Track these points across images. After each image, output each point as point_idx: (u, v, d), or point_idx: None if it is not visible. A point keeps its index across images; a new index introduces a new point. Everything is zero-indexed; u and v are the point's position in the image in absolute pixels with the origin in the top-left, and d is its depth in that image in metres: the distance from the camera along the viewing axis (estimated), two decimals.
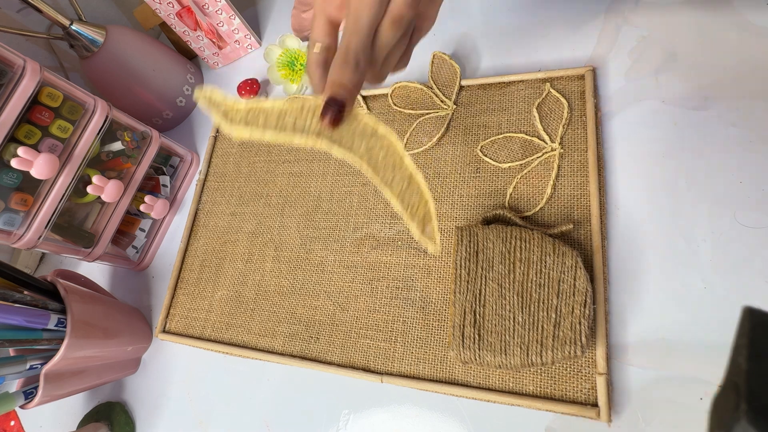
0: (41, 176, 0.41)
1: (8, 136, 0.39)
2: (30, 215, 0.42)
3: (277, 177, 0.50)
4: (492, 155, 0.41)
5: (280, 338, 0.42)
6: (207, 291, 0.48)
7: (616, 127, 0.38)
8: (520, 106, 0.42)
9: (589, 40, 0.42)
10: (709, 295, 0.31)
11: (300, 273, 0.44)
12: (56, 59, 0.61)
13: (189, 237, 0.52)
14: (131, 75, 0.55)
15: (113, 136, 0.48)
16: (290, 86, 0.54)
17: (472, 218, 0.40)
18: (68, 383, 0.41)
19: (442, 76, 0.45)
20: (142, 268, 0.54)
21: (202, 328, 0.46)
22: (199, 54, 0.61)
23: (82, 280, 0.48)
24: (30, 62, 0.40)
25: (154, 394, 0.46)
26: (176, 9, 0.54)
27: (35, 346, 0.38)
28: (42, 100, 0.41)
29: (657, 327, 0.32)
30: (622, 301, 0.33)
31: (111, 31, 0.53)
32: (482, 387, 0.34)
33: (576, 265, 0.32)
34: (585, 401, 0.31)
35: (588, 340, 0.30)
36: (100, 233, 0.48)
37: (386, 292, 0.40)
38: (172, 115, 0.60)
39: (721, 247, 0.32)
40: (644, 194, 0.36)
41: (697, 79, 0.37)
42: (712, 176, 0.34)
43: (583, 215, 0.36)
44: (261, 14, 0.64)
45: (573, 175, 0.38)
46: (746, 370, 0.13)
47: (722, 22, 0.38)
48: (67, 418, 0.49)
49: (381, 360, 0.38)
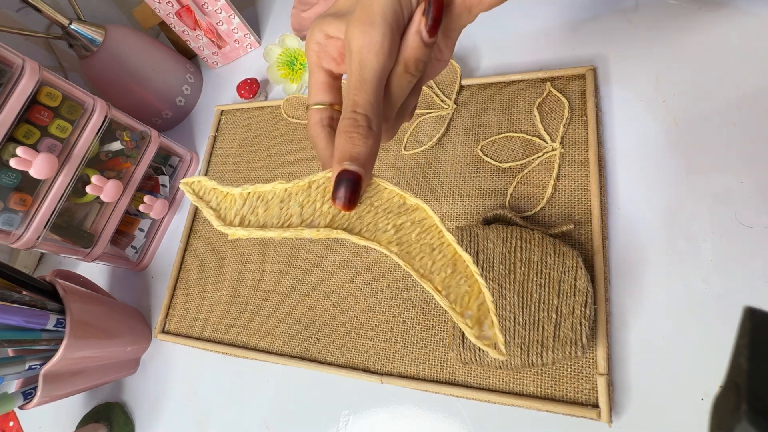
0: (40, 176, 0.40)
1: (7, 136, 0.39)
2: (29, 215, 0.42)
3: (277, 177, 0.50)
4: (492, 155, 0.41)
5: (280, 339, 0.42)
6: (206, 291, 0.48)
7: (617, 126, 0.38)
8: (520, 106, 0.41)
9: (590, 40, 0.42)
10: (710, 295, 0.31)
11: (300, 273, 0.44)
12: (55, 59, 0.61)
13: (188, 237, 0.52)
14: (130, 74, 0.55)
15: (112, 136, 0.48)
16: (290, 86, 0.53)
17: (472, 218, 0.40)
18: (67, 384, 0.40)
19: (443, 75, 0.45)
20: (141, 269, 0.54)
21: (201, 329, 0.46)
22: (199, 53, 0.61)
23: (81, 281, 0.48)
24: (29, 62, 0.40)
25: (153, 395, 0.46)
26: (175, 8, 0.54)
27: (34, 346, 0.38)
28: (41, 99, 0.41)
29: (658, 327, 0.32)
30: (622, 302, 0.33)
31: (110, 31, 0.53)
32: (482, 387, 0.34)
33: (577, 266, 0.32)
34: (586, 402, 0.31)
35: (589, 340, 0.30)
36: (99, 233, 0.48)
37: (386, 293, 0.40)
38: (172, 115, 0.60)
39: (722, 247, 0.32)
40: (645, 194, 0.35)
41: (698, 78, 0.37)
42: (713, 176, 0.34)
43: (584, 215, 0.36)
44: (260, 13, 0.64)
45: (574, 174, 0.37)
46: (747, 370, 0.13)
47: (723, 21, 0.37)
48: (66, 419, 0.49)
49: (381, 360, 0.38)
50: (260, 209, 0.20)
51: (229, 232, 0.20)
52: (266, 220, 0.20)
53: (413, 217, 0.20)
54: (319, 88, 0.22)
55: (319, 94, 0.22)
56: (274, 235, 0.19)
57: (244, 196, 0.20)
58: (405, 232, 0.20)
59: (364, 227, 0.20)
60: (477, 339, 0.19)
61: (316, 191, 0.20)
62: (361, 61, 0.18)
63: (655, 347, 0.32)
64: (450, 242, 0.20)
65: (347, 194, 0.19)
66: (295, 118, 0.52)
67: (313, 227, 0.20)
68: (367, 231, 0.20)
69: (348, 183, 0.19)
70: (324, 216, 0.20)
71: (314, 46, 0.21)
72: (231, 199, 0.20)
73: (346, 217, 0.20)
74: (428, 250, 0.20)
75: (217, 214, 0.20)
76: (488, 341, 0.19)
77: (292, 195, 0.20)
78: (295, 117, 0.52)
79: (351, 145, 0.19)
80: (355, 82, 0.19)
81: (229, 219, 0.20)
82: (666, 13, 0.40)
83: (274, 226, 0.20)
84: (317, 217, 0.20)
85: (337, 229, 0.20)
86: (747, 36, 0.36)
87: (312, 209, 0.20)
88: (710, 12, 0.38)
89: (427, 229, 0.20)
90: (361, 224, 0.20)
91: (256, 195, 0.20)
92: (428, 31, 0.19)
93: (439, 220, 0.20)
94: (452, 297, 0.19)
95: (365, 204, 0.20)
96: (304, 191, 0.20)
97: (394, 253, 0.20)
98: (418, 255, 0.20)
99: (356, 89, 0.19)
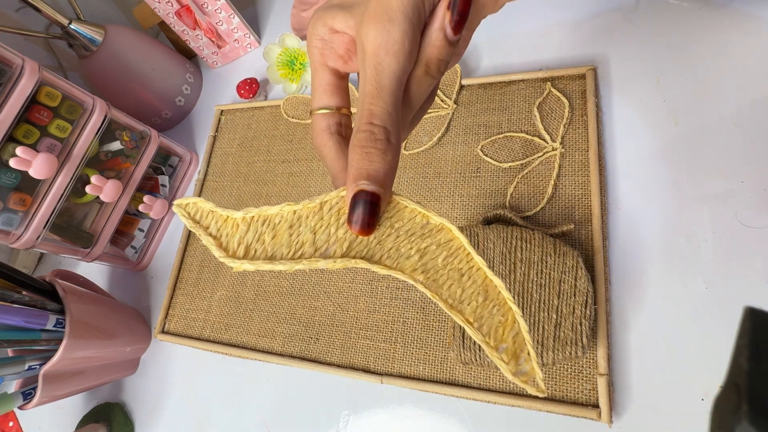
0: (40, 176, 0.40)
1: (7, 136, 0.39)
2: (28, 215, 0.42)
3: (277, 177, 0.50)
4: (492, 155, 0.41)
5: (280, 339, 0.42)
6: (206, 291, 0.48)
7: (617, 126, 0.38)
8: (520, 106, 0.41)
9: (590, 40, 0.42)
10: (711, 295, 0.31)
11: (299, 273, 0.44)
12: (55, 58, 0.61)
13: (188, 237, 0.51)
14: (130, 74, 0.55)
15: (112, 136, 0.48)
16: (289, 85, 0.53)
17: (472, 218, 0.40)
18: (67, 384, 0.40)
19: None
20: (141, 269, 0.54)
21: (201, 329, 0.46)
22: (199, 53, 0.61)
23: (81, 281, 0.48)
24: (28, 61, 0.40)
25: (153, 395, 0.46)
26: (175, 8, 0.54)
27: (34, 346, 0.38)
28: (40, 99, 0.41)
29: (658, 327, 0.32)
30: (623, 302, 0.33)
31: (110, 31, 0.52)
32: (482, 388, 0.34)
33: (577, 266, 0.32)
34: (586, 402, 0.31)
35: (589, 340, 0.30)
36: (98, 233, 0.48)
37: (386, 293, 0.40)
38: (171, 115, 0.60)
39: (723, 247, 0.32)
40: (645, 194, 0.35)
41: (698, 78, 0.37)
42: (713, 176, 0.34)
43: (584, 215, 0.36)
44: (260, 13, 0.64)
45: (574, 174, 0.37)
46: (747, 370, 0.13)
47: (724, 21, 0.37)
48: (65, 419, 0.49)
49: (381, 361, 0.38)
50: (267, 236, 0.18)
51: (234, 265, 0.18)
52: (275, 250, 0.18)
53: (438, 239, 0.18)
54: (324, 89, 0.20)
55: (324, 96, 0.20)
56: (285, 269, 0.18)
57: (248, 221, 0.18)
58: (430, 257, 0.18)
59: (385, 253, 0.18)
60: (514, 376, 0.17)
61: (329, 214, 0.18)
62: (377, 64, 0.16)
63: (656, 347, 0.32)
64: (480, 266, 0.18)
65: (365, 217, 0.17)
66: (295, 118, 0.51)
67: (329, 257, 0.18)
68: (389, 258, 0.18)
69: (365, 205, 0.17)
70: (340, 243, 0.18)
71: (317, 42, 0.19)
72: (233, 225, 0.18)
73: (364, 242, 0.18)
74: (457, 277, 0.18)
75: (218, 243, 0.18)
76: (525, 377, 0.17)
77: (302, 219, 0.18)
78: (295, 117, 0.52)
79: (368, 162, 0.17)
80: (371, 88, 0.17)
81: (233, 248, 0.18)
82: (667, 13, 0.40)
83: (284, 257, 0.18)
84: (332, 244, 0.18)
85: (355, 258, 0.18)
86: (747, 36, 0.36)
87: (326, 235, 0.18)
88: (711, 12, 0.38)
89: (453, 252, 0.18)
90: (381, 250, 0.18)
91: (261, 219, 0.18)
92: (453, 27, 0.17)
93: (467, 241, 0.18)
94: (485, 329, 0.18)
95: (385, 226, 0.18)
96: (315, 214, 0.18)
97: (420, 282, 0.18)
98: (446, 283, 0.18)
99: (372, 97, 0.17)
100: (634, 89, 0.39)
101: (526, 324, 0.17)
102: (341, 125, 0.20)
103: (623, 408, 0.31)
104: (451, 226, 0.18)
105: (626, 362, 0.32)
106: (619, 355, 0.32)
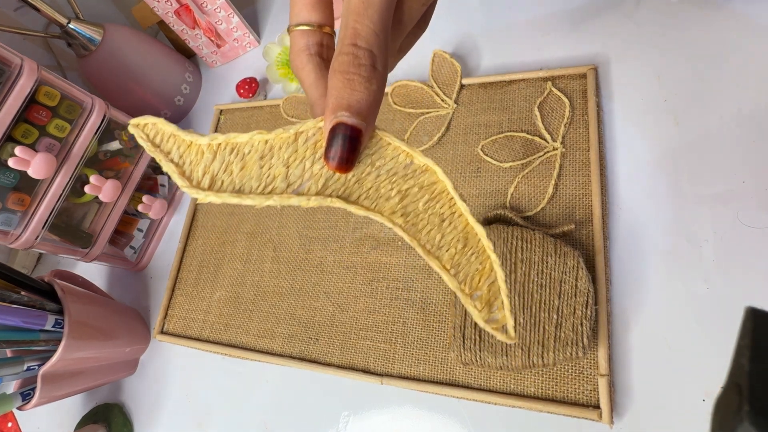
0: (38, 176, 0.40)
1: (5, 136, 0.38)
2: (27, 215, 0.41)
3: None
4: (493, 155, 0.41)
5: (279, 339, 0.42)
6: (205, 292, 0.48)
7: (618, 126, 0.38)
8: (521, 105, 0.41)
9: (591, 39, 0.42)
10: (712, 296, 0.31)
11: (299, 273, 0.44)
12: (54, 58, 0.61)
13: (187, 237, 0.51)
14: (129, 74, 0.54)
15: (111, 136, 0.48)
16: (289, 85, 0.53)
17: None
18: (66, 384, 0.40)
19: (443, 74, 0.45)
20: (140, 269, 0.54)
21: (200, 329, 0.46)
22: (198, 52, 0.61)
23: (80, 281, 0.48)
24: (27, 61, 0.40)
25: (152, 396, 0.46)
26: (174, 7, 0.54)
27: (32, 347, 0.38)
28: (39, 99, 0.41)
29: (659, 328, 0.32)
30: (624, 302, 0.33)
31: (109, 30, 0.52)
32: (483, 388, 0.34)
33: (578, 266, 0.32)
34: (587, 403, 0.31)
35: (590, 341, 0.30)
36: (97, 233, 0.48)
37: (386, 293, 0.40)
38: (171, 114, 0.60)
39: (724, 247, 0.32)
40: (646, 194, 0.35)
41: (699, 77, 0.37)
42: (714, 176, 0.34)
43: (585, 215, 0.36)
44: (260, 12, 0.64)
45: (575, 174, 0.37)
46: (749, 371, 0.13)
47: (724, 21, 0.37)
48: (64, 420, 0.49)
49: (381, 361, 0.38)
50: (235, 167, 0.16)
51: (198, 196, 0.16)
52: (243, 183, 0.16)
53: (421, 181, 0.17)
54: (303, 2, 0.17)
55: (303, 11, 0.17)
56: (253, 203, 0.16)
57: (214, 149, 0.16)
58: (411, 200, 0.17)
59: (364, 193, 0.17)
60: (485, 323, 0.17)
61: (304, 146, 0.17)
62: None
63: (657, 348, 0.31)
64: (462, 212, 0.17)
65: (344, 152, 0.15)
66: (294, 118, 0.51)
67: (302, 194, 0.16)
68: (368, 199, 0.17)
69: (345, 139, 0.15)
70: (315, 179, 0.16)
71: None
72: (197, 151, 0.16)
73: (342, 180, 0.17)
74: (437, 222, 0.17)
75: (180, 171, 0.16)
76: (496, 324, 0.17)
77: (275, 150, 0.16)
78: (295, 116, 0.51)
79: (350, 91, 0.15)
80: (356, 3, 0.15)
81: (197, 178, 0.16)
82: (667, 13, 0.40)
83: (253, 191, 0.16)
84: (306, 179, 0.16)
85: (331, 197, 0.16)
86: (748, 36, 0.36)
87: (300, 170, 0.16)
88: (712, 12, 0.38)
89: (436, 196, 0.17)
90: (360, 190, 0.17)
91: (229, 147, 0.16)
92: None
93: (451, 185, 0.17)
94: (461, 276, 0.17)
95: (365, 164, 0.17)
96: (289, 146, 0.17)
97: (398, 225, 0.17)
98: (425, 228, 0.17)
99: (358, 14, 0.14)
100: (635, 89, 0.38)
101: (503, 273, 0.17)
102: (322, 46, 0.18)
103: (624, 409, 0.31)
104: (436, 168, 0.17)
105: (627, 363, 0.32)
106: (620, 356, 0.32)
